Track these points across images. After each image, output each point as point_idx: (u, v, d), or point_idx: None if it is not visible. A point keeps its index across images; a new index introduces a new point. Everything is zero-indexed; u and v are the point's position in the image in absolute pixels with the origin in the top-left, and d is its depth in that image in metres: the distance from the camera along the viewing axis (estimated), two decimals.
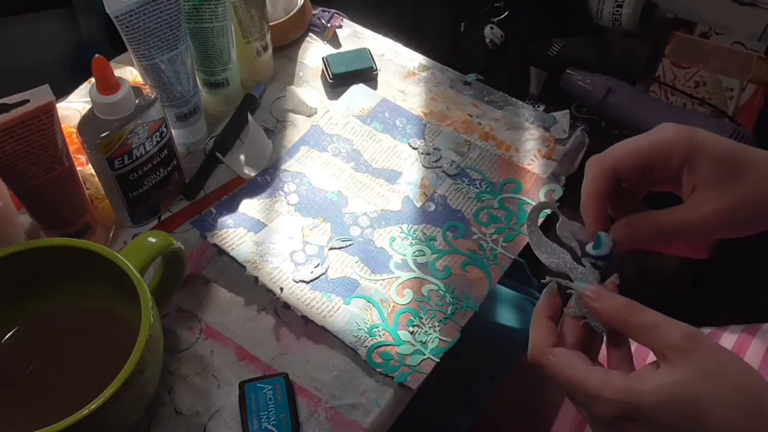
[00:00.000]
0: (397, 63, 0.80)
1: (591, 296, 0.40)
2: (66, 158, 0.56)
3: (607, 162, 0.43)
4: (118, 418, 0.47)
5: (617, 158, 0.43)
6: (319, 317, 0.58)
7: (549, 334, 0.41)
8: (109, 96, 0.55)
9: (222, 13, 0.66)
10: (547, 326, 0.42)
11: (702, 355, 0.36)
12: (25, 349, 0.53)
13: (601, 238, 0.42)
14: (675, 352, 0.37)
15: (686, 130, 0.42)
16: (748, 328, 0.63)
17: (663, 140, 0.42)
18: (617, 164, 0.43)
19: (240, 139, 0.72)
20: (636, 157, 0.43)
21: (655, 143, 0.42)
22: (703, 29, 1.02)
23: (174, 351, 0.57)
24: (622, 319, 0.39)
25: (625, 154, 0.43)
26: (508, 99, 0.76)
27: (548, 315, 0.43)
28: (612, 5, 1.01)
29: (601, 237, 0.42)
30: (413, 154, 0.71)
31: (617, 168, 0.43)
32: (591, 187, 0.43)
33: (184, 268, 0.57)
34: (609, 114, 0.94)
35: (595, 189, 0.43)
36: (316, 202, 0.66)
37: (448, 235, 0.64)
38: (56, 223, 0.59)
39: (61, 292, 0.54)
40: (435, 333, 0.57)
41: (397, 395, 0.55)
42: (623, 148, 0.43)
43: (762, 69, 0.96)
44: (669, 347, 0.37)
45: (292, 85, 0.77)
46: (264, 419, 0.52)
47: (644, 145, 0.43)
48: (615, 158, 0.43)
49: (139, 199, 0.62)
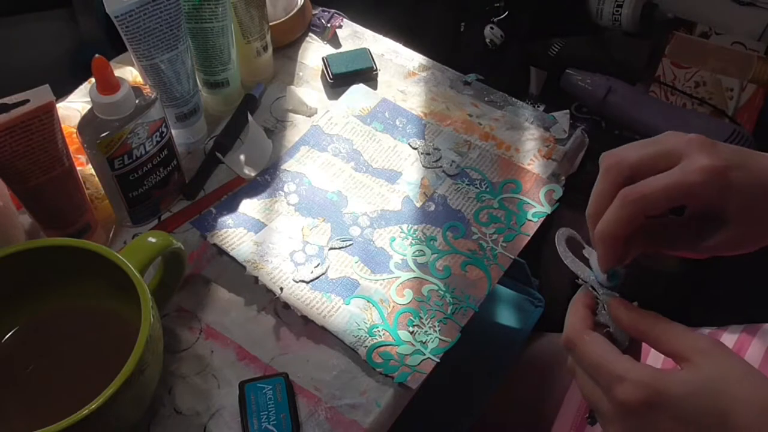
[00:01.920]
0: (397, 63, 0.80)
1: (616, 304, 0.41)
2: (66, 158, 0.56)
3: (639, 205, 0.40)
4: (118, 418, 0.47)
5: (652, 204, 0.40)
6: (319, 317, 0.58)
7: (586, 318, 0.42)
8: (109, 96, 0.55)
9: (222, 13, 0.66)
10: (584, 312, 0.43)
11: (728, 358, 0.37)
12: (25, 349, 0.53)
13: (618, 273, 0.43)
14: (701, 354, 0.37)
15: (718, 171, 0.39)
16: (748, 328, 0.63)
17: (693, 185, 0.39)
18: (648, 206, 0.40)
19: (240, 139, 0.72)
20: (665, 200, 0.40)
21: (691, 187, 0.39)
22: (703, 29, 1.02)
23: (174, 351, 0.57)
24: (646, 326, 0.40)
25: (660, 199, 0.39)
26: (508, 99, 0.76)
27: (586, 304, 0.43)
28: (612, 5, 1.01)
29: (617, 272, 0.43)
30: (413, 154, 0.71)
31: (647, 210, 0.40)
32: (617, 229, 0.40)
33: (184, 268, 0.57)
34: (609, 114, 0.94)
35: (622, 232, 0.40)
36: (316, 202, 0.66)
37: (448, 235, 0.64)
38: (56, 223, 0.59)
39: (61, 292, 0.54)
40: (435, 333, 0.57)
41: (397, 395, 0.55)
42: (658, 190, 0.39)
43: (762, 69, 0.96)
44: (695, 350, 0.37)
45: (292, 85, 0.77)
46: (264, 419, 0.52)
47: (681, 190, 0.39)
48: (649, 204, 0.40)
49: (139, 199, 0.62)
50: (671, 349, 0.38)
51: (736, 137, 0.85)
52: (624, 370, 0.37)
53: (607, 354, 0.39)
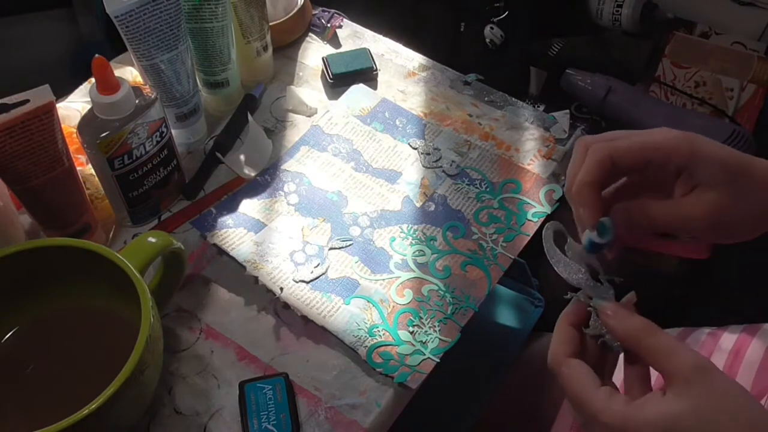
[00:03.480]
0: (397, 63, 0.80)
1: (609, 313, 0.41)
2: (66, 158, 0.56)
3: (605, 152, 0.42)
4: (118, 418, 0.47)
5: (617, 150, 0.42)
6: (319, 317, 0.58)
7: (568, 342, 0.42)
8: (109, 96, 0.55)
9: (222, 13, 0.66)
10: (568, 334, 0.42)
11: (707, 388, 0.36)
12: (25, 349, 0.53)
13: (605, 224, 0.42)
14: (682, 382, 0.37)
15: (687, 134, 0.42)
16: (748, 328, 0.63)
17: (664, 141, 0.42)
18: (616, 157, 0.42)
19: (240, 139, 0.72)
20: (637, 152, 0.42)
21: (656, 142, 0.42)
22: (703, 29, 1.02)
23: (174, 351, 0.57)
24: (636, 340, 0.39)
25: (626, 148, 0.42)
26: (508, 99, 0.76)
27: (572, 322, 0.43)
28: (612, 5, 1.01)
29: (604, 223, 0.42)
30: (413, 154, 0.71)
31: (616, 160, 0.42)
32: (588, 175, 0.42)
33: (184, 268, 0.57)
34: (609, 114, 0.94)
35: (592, 177, 0.42)
36: (316, 202, 0.66)
37: (448, 235, 0.64)
38: (56, 223, 0.59)
39: (61, 292, 0.54)
40: (435, 333, 0.57)
41: (397, 395, 0.55)
42: (623, 142, 0.42)
43: (762, 69, 0.96)
44: (677, 375, 0.37)
45: (292, 85, 0.77)
46: (264, 419, 0.52)
47: (646, 143, 0.42)
48: (615, 150, 0.42)
49: (139, 199, 0.62)
50: (658, 367, 0.39)
51: (736, 137, 0.85)
52: (597, 411, 0.38)
53: (582, 391, 0.39)
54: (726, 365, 0.60)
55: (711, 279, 0.96)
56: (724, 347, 0.62)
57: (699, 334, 0.65)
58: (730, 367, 0.60)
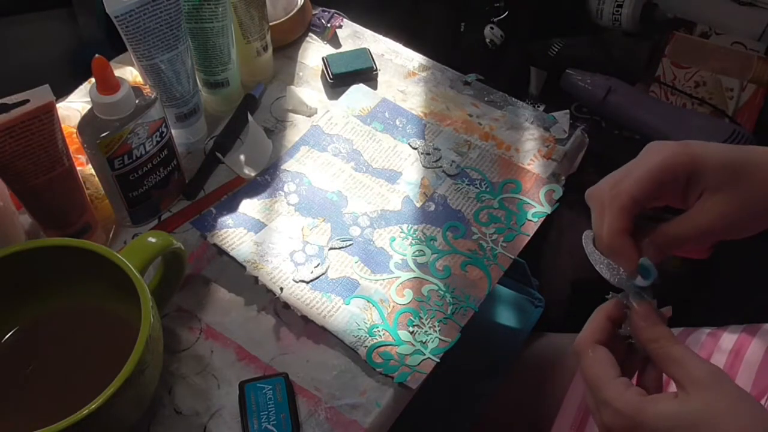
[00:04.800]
0: (397, 63, 0.80)
1: (640, 314, 0.42)
2: (66, 158, 0.56)
3: (624, 196, 0.42)
4: (118, 418, 0.47)
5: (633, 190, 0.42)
6: (319, 317, 0.58)
7: (599, 331, 0.43)
8: (109, 96, 0.55)
9: (222, 13, 0.66)
10: (602, 324, 0.43)
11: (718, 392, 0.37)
12: (25, 349, 0.53)
13: (648, 267, 0.42)
14: (694, 385, 0.38)
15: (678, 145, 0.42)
16: (748, 328, 0.63)
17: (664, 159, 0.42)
18: (635, 196, 0.42)
19: (240, 139, 0.72)
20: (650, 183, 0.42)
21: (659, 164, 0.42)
22: (703, 29, 1.02)
23: (174, 351, 0.57)
24: (655, 346, 0.41)
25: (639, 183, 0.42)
26: (508, 99, 0.76)
27: (609, 315, 0.44)
28: (612, 5, 1.01)
29: (646, 266, 0.42)
30: (413, 154, 0.71)
31: (636, 199, 0.42)
32: (617, 225, 0.42)
33: (184, 268, 0.57)
34: (609, 114, 0.94)
35: (622, 226, 0.42)
36: (316, 202, 0.66)
37: (448, 235, 0.64)
38: (56, 223, 0.59)
39: (61, 292, 0.54)
40: (435, 333, 0.57)
41: (397, 395, 0.55)
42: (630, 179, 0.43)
43: (762, 69, 0.96)
44: (690, 380, 0.38)
45: (292, 85, 0.77)
46: (264, 419, 0.52)
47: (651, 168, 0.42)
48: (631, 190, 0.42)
49: (139, 199, 0.62)
50: (670, 373, 0.40)
51: (736, 137, 0.85)
52: (611, 397, 0.39)
53: (602, 376, 0.40)
54: (726, 365, 0.60)
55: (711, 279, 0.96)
56: (724, 347, 0.62)
57: (699, 334, 0.65)
58: (730, 367, 0.60)
